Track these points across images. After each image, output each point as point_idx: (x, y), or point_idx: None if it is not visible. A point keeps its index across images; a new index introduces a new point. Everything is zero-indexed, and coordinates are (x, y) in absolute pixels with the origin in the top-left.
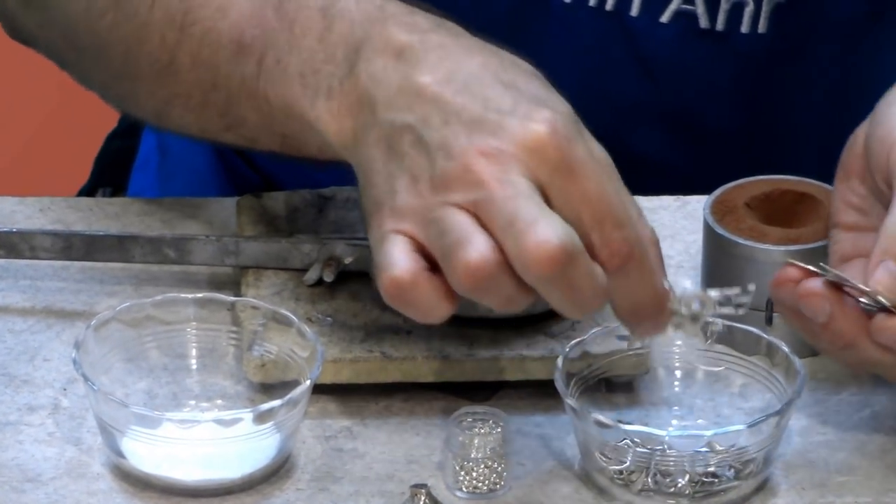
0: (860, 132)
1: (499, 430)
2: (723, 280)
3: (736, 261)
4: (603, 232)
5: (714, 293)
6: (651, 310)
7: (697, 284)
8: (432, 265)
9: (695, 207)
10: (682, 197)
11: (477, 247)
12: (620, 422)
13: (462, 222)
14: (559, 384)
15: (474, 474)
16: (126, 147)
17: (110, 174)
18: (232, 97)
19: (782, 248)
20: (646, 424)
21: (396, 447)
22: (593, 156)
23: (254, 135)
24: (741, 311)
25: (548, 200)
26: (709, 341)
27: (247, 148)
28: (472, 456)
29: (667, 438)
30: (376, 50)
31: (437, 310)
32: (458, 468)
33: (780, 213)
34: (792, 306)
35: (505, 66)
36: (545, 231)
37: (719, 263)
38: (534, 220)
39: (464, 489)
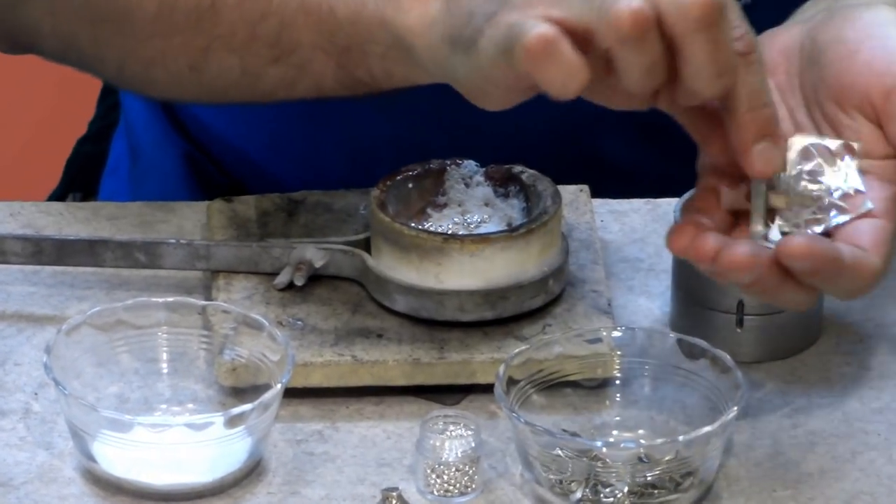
0: (792, 28)
1: (470, 433)
2: (693, 283)
3: None
4: (733, 21)
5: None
6: (771, 116)
7: (668, 288)
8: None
9: (665, 210)
10: (652, 200)
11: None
12: (565, 431)
13: None
14: (498, 392)
15: (445, 477)
16: (96, 152)
17: (81, 179)
18: (285, 21)
19: None
20: (590, 434)
21: (368, 450)
22: None
23: (306, 59)
24: None
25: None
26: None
27: (289, 86)
28: (444, 459)
29: (603, 450)
30: None
31: (579, 72)
32: (429, 471)
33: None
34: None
35: None
36: None
37: (690, 266)
38: None
39: (435, 492)
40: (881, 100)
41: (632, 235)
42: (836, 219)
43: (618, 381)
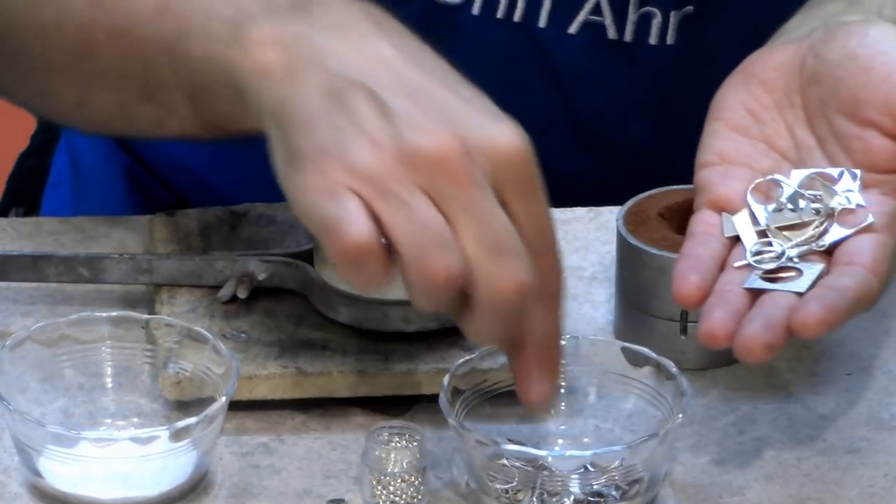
0: (788, 46)
1: (416, 443)
2: (637, 291)
3: (650, 271)
4: (545, 256)
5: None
6: (554, 354)
7: (612, 296)
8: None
9: (608, 218)
10: (594, 208)
11: (450, 260)
12: (512, 441)
13: (435, 221)
14: (443, 402)
15: (391, 488)
16: (39, 166)
17: (23, 194)
18: (150, 61)
19: None
20: (535, 443)
21: (313, 462)
22: (544, 190)
23: (171, 99)
24: None
25: (505, 209)
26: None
27: (160, 128)
28: (390, 470)
29: (549, 459)
30: (328, 12)
31: (381, 281)
32: (375, 483)
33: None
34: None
35: (447, 65)
36: (519, 267)
37: (633, 274)
38: (508, 252)
39: (381, 503)
40: None
41: (574, 244)
42: (837, 233)
43: (563, 390)
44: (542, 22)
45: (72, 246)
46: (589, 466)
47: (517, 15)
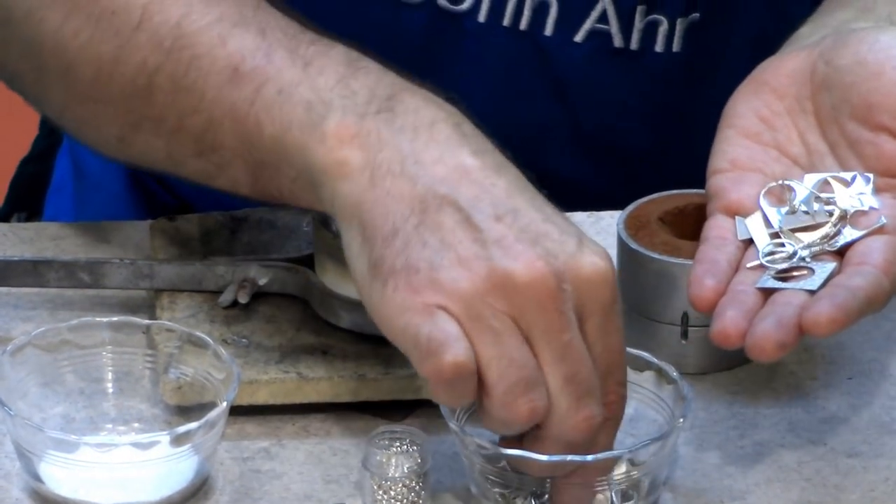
0: (799, 53)
1: (416, 448)
2: (638, 295)
3: (650, 275)
4: (608, 382)
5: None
6: (603, 472)
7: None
8: None
9: (608, 223)
10: (595, 213)
11: (541, 398)
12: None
13: (525, 359)
14: (444, 408)
15: (392, 493)
16: (40, 171)
17: (25, 198)
18: (213, 122)
19: None
20: None
21: (314, 467)
22: (621, 308)
23: (226, 162)
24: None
25: (582, 332)
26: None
27: (208, 179)
28: (390, 475)
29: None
30: (408, 111)
31: (466, 402)
32: (376, 487)
33: (694, 228)
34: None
35: (523, 177)
36: (595, 408)
37: (634, 278)
38: (587, 392)
39: None
40: None
41: None
42: (850, 234)
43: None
44: (549, 30)
45: (72, 251)
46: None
47: (523, 23)
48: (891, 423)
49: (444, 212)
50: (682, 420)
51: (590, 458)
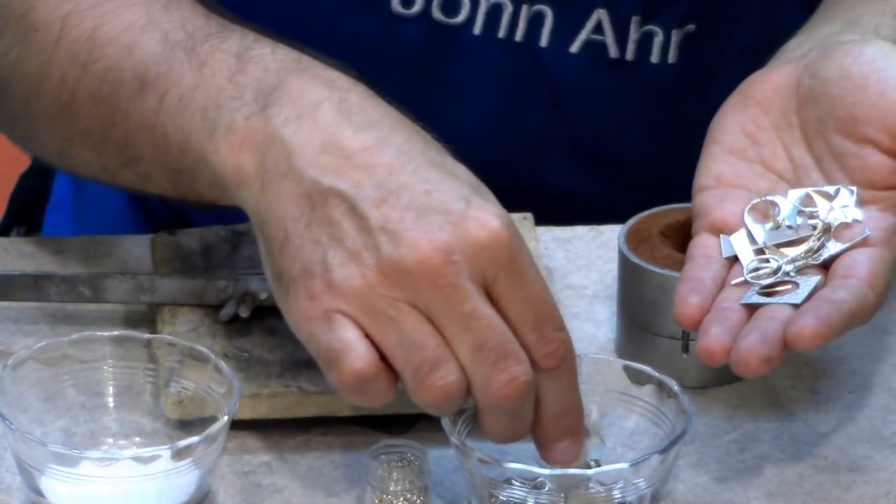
0: (784, 67)
1: (417, 462)
2: (638, 309)
3: (651, 289)
4: (543, 333)
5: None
6: (574, 419)
7: (613, 314)
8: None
9: (609, 237)
10: (596, 227)
11: (450, 374)
12: (514, 459)
13: (426, 338)
14: (445, 421)
15: None
16: (40, 186)
17: (25, 213)
18: (130, 133)
19: None
20: (537, 461)
21: (315, 481)
22: (531, 256)
23: (149, 171)
24: None
25: (490, 298)
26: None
27: (142, 188)
28: (391, 489)
29: (551, 477)
30: (292, 99)
31: (387, 399)
32: (377, 501)
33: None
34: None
35: (428, 143)
36: (515, 368)
37: (635, 292)
38: (502, 356)
39: None
40: None
41: (576, 262)
42: (834, 248)
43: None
44: (544, 41)
45: (73, 266)
46: (591, 485)
47: (519, 35)
48: (891, 437)
49: (330, 204)
50: (682, 434)
51: (591, 472)
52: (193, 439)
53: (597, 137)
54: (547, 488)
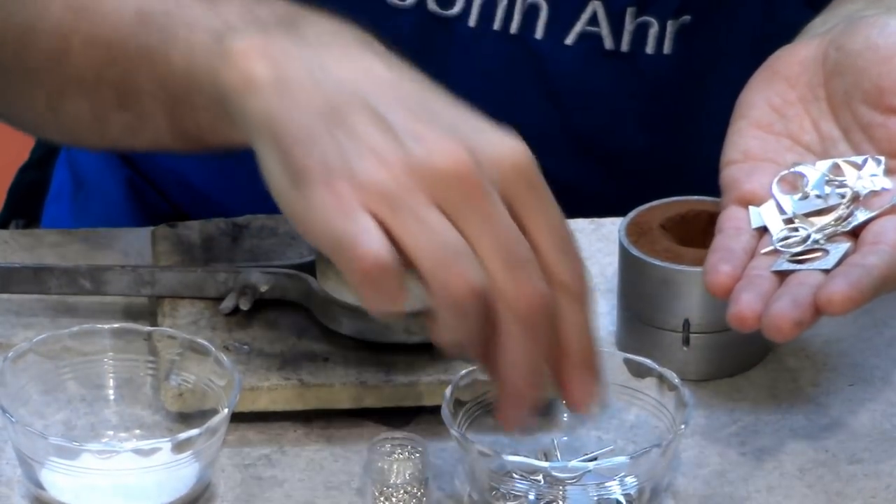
0: (810, 41)
1: (418, 455)
2: (639, 302)
3: (652, 282)
4: (568, 255)
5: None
6: (593, 355)
7: (614, 307)
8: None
9: (610, 230)
10: (596, 219)
11: (471, 273)
12: (514, 452)
13: (452, 235)
14: (445, 414)
15: (394, 500)
16: (39, 178)
17: (24, 206)
18: (128, 67)
19: (698, 269)
20: (538, 454)
21: (315, 474)
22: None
23: (147, 108)
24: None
25: (517, 216)
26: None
27: (132, 137)
28: (392, 482)
29: (551, 470)
30: (311, 24)
31: (397, 301)
32: (377, 494)
33: (695, 235)
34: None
35: (436, 85)
36: (536, 282)
37: (635, 285)
38: (521, 262)
39: None
40: None
41: None
42: (862, 215)
43: (565, 401)
44: (539, 33)
45: (73, 258)
46: (591, 477)
47: (514, 27)
48: (892, 430)
49: (356, 112)
50: (683, 427)
51: (591, 465)
52: (194, 432)
53: (593, 129)
54: (547, 480)
